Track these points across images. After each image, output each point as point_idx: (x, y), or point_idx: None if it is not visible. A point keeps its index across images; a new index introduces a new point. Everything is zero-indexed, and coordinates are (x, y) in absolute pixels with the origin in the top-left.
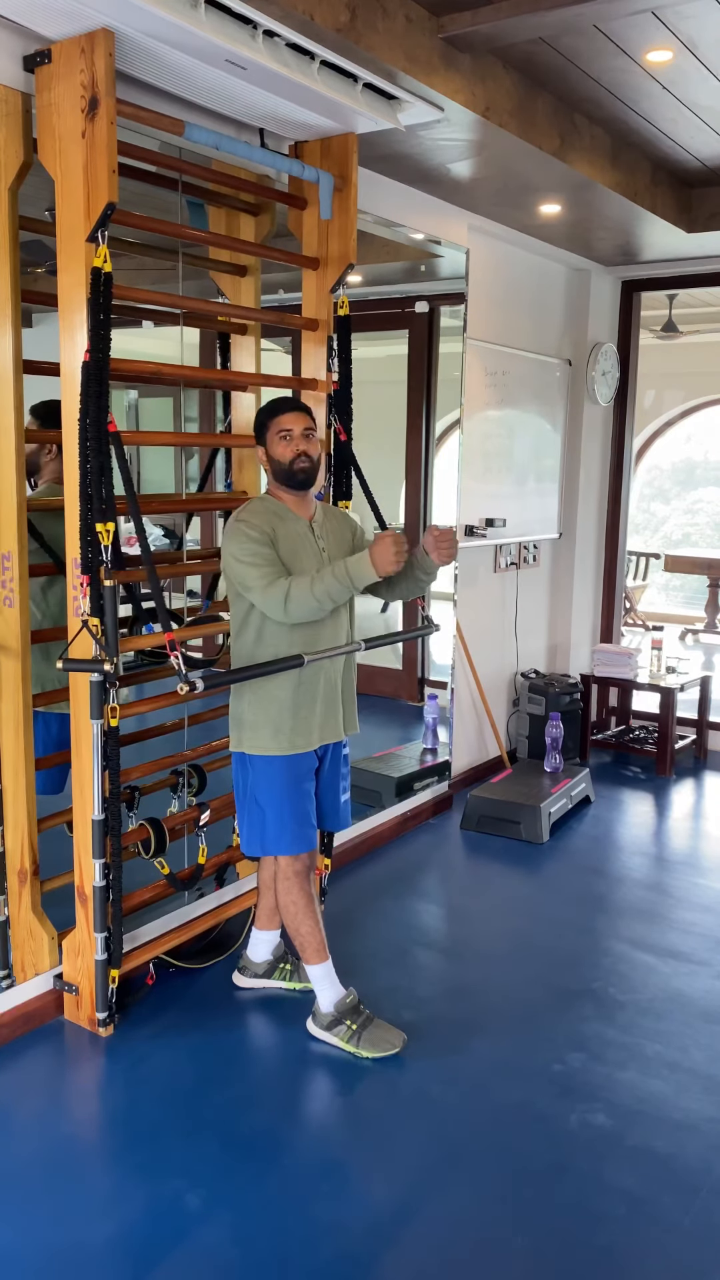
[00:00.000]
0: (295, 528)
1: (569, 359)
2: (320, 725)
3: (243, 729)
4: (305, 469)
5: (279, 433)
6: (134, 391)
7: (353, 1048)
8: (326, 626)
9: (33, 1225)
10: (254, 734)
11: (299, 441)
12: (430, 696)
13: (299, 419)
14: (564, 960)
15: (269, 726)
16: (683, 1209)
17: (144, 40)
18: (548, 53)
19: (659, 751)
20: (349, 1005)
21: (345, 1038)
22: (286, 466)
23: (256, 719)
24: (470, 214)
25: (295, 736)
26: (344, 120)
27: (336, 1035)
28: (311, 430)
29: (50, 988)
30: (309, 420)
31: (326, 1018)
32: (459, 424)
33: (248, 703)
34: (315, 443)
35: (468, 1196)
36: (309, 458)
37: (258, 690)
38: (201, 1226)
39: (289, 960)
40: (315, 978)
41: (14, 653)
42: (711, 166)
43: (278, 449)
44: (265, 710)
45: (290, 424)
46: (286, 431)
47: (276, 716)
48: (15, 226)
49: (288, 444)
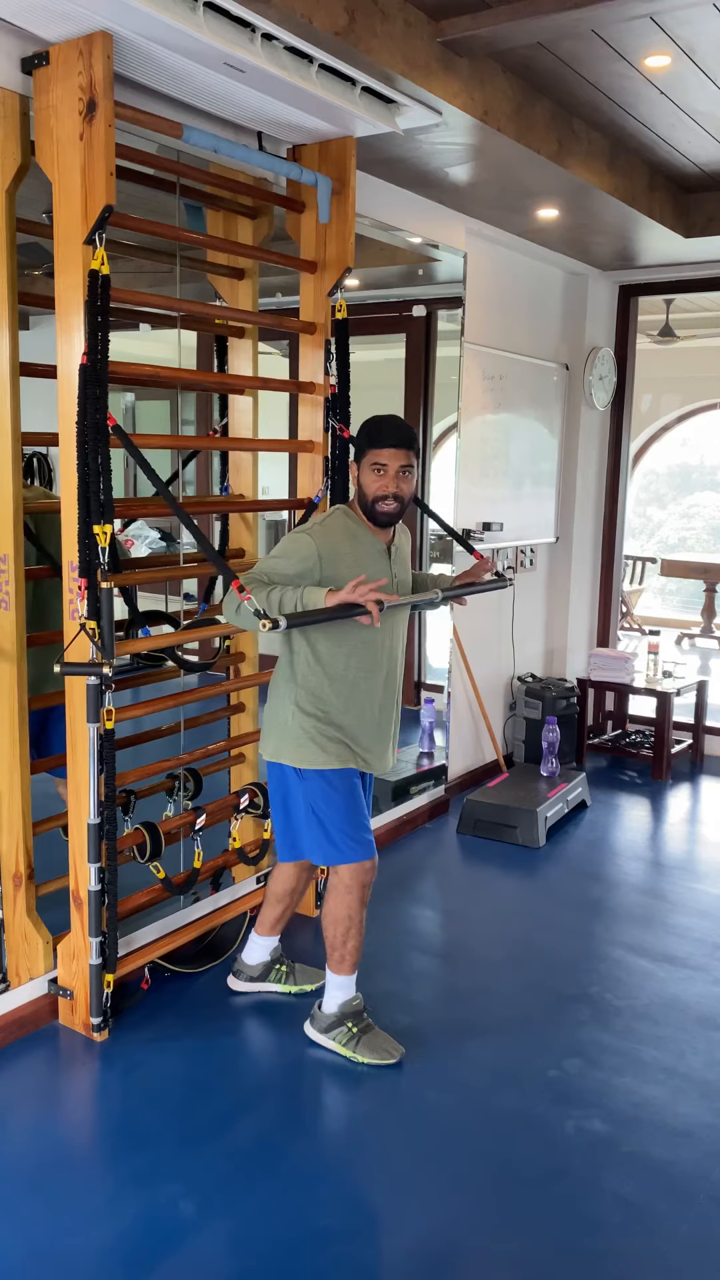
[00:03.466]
0: (371, 549)
1: (566, 363)
2: (368, 753)
3: (286, 740)
4: (389, 511)
5: (373, 464)
6: (131, 394)
7: (349, 1051)
8: (376, 654)
9: (26, 1231)
10: (301, 748)
11: (391, 480)
12: (427, 700)
13: (398, 456)
14: (560, 965)
15: (317, 742)
16: (680, 1216)
17: (142, 43)
18: (546, 57)
19: (655, 756)
20: (354, 1009)
21: (344, 1040)
22: (370, 503)
23: (304, 733)
24: (468, 218)
25: (346, 753)
26: (342, 124)
27: (335, 1038)
28: (409, 469)
29: (45, 992)
30: (409, 457)
31: (327, 1019)
32: (456, 428)
33: (293, 715)
34: (410, 482)
35: (463, 1203)
36: (398, 500)
37: (306, 705)
38: (196, 1233)
39: (285, 963)
40: (336, 984)
41: (10, 656)
42: (709, 172)
43: (367, 479)
44: (315, 724)
45: (387, 459)
46: (381, 466)
47: (327, 731)
48: (13, 229)
49: (379, 478)
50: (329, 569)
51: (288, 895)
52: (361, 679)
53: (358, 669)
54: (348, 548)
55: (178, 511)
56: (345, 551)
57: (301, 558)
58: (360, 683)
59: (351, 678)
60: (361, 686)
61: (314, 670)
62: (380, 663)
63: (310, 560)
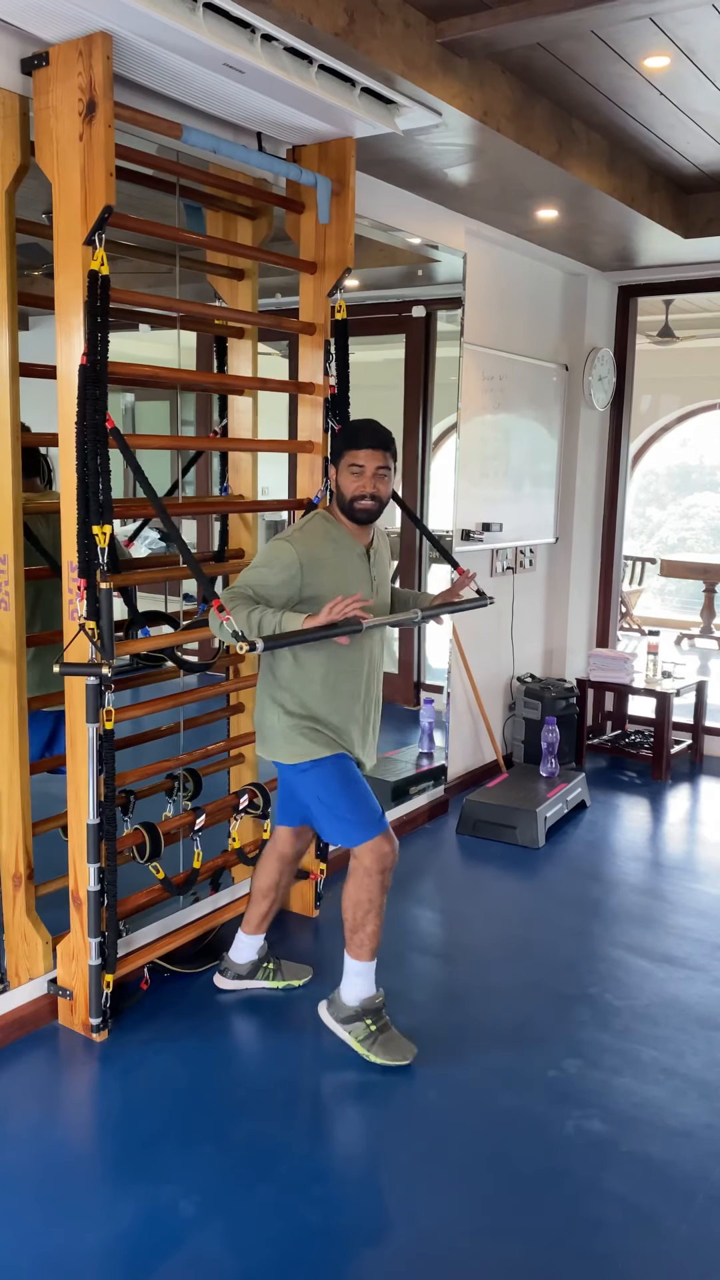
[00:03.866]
0: (350, 553)
1: (566, 364)
2: (351, 745)
3: (277, 739)
4: (367, 509)
5: (350, 465)
6: (130, 395)
7: (365, 1049)
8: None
9: (26, 1232)
10: (291, 744)
11: (369, 481)
12: (426, 701)
13: (374, 457)
14: (560, 965)
15: (306, 735)
16: (679, 1216)
17: (142, 44)
18: (546, 58)
19: (655, 756)
20: (374, 1006)
21: (360, 1036)
22: (348, 502)
23: (292, 730)
24: (467, 218)
25: (334, 740)
26: (342, 124)
27: (351, 1032)
28: (385, 470)
29: (44, 992)
30: (385, 459)
31: (346, 1010)
32: (456, 428)
33: (279, 716)
34: (386, 483)
35: (463, 1203)
36: (375, 499)
37: (289, 705)
38: (195, 1232)
39: (271, 960)
40: (355, 971)
41: (9, 656)
42: (708, 172)
43: (345, 480)
44: (299, 720)
45: (364, 460)
46: (358, 467)
47: (313, 724)
48: (12, 229)
49: (356, 479)
50: (310, 575)
51: (272, 890)
52: (343, 680)
53: (338, 671)
54: (328, 552)
55: (166, 523)
56: (326, 556)
57: (284, 565)
58: (342, 684)
59: (333, 680)
60: (343, 688)
61: (296, 674)
62: (361, 664)
63: (292, 568)
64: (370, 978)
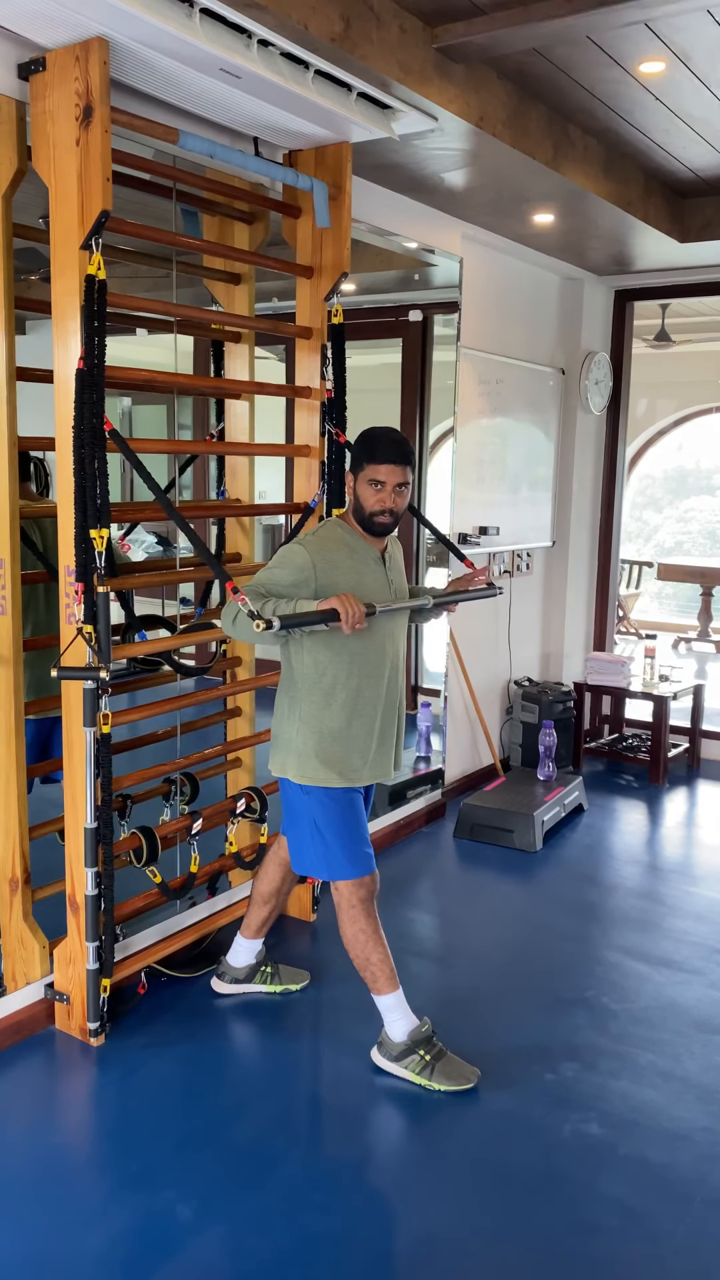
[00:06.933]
0: (365, 557)
1: (562, 368)
2: (371, 763)
3: (290, 755)
4: (385, 524)
5: (371, 479)
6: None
7: (425, 1080)
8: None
9: (23, 1236)
10: (303, 763)
11: (388, 496)
12: (423, 704)
13: (395, 473)
14: (557, 969)
15: (320, 758)
16: (676, 1219)
17: (139, 49)
18: (541, 63)
19: (652, 760)
20: (423, 1035)
21: (417, 1069)
22: (366, 516)
23: (307, 748)
24: (464, 223)
25: (348, 770)
26: (338, 129)
27: (407, 1067)
28: (405, 486)
29: (41, 997)
30: (405, 474)
31: (397, 1048)
32: (452, 432)
33: (297, 730)
34: (405, 497)
35: (461, 1207)
36: (392, 514)
37: (309, 720)
38: (193, 1238)
39: (269, 964)
40: (388, 1007)
41: (6, 660)
42: (704, 177)
43: (364, 493)
44: (319, 740)
45: (384, 476)
46: (379, 484)
47: (330, 748)
48: (9, 233)
49: (376, 494)
50: (324, 578)
51: (274, 896)
52: (365, 685)
53: (360, 675)
54: (343, 557)
55: (174, 516)
56: (341, 560)
57: (297, 568)
58: (364, 689)
59: (355, 684)
60: (365, 694)
61: (317, 683)
62: (382, 668)
63: (306, 570)
64: (405, 1008)
